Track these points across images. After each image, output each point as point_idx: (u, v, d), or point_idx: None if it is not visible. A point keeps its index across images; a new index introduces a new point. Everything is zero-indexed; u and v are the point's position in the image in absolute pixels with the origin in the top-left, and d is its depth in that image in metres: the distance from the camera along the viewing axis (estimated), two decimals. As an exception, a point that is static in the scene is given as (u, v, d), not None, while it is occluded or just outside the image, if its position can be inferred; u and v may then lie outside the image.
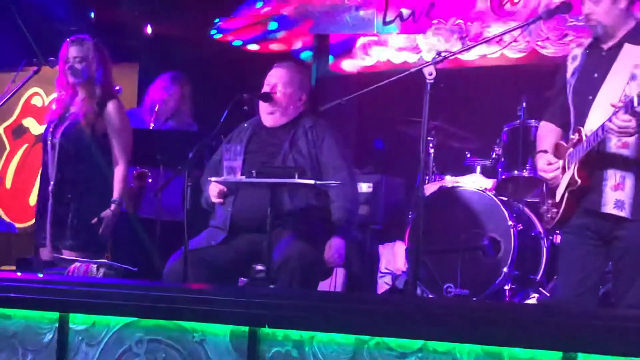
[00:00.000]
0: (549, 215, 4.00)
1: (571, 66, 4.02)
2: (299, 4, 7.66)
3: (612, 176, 3.77)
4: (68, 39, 5.14)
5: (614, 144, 3.77)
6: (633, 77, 3.75)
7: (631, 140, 3.72)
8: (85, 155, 5.03)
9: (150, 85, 6.25)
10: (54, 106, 5.26)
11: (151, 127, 6.02)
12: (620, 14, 3.84)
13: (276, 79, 4.79)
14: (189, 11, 7.70)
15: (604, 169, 3.79)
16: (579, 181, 3.79)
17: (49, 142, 5.07)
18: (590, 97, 3.85)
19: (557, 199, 3.91)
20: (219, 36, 7.90)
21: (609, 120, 3.60)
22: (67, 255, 4.78)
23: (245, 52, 7.80)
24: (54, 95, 5.37)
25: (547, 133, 4.10)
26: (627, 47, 3.82)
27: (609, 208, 3.76)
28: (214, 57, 7.59)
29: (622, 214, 3.74)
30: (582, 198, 3.84)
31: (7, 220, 7.48)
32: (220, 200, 4.66)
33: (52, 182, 5.03)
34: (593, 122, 3.79)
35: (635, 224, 3.75)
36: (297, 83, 4.82)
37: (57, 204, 5.01)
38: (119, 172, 5.05)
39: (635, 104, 3.49)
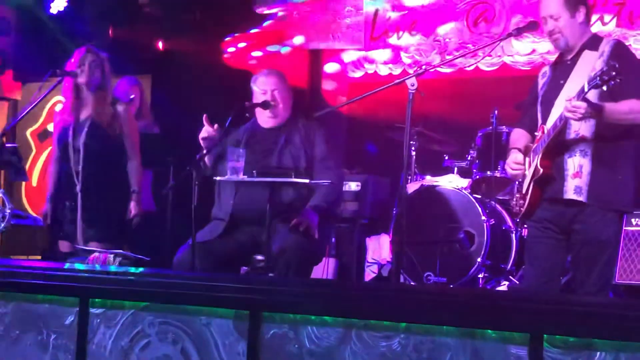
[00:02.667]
0: (517, 208, 4.01)
1: (541, 81, 4.05)
2: (298, 23, 7.67)
3: (572, 165, 3.78)
4: (84, 47, 5.15)
5: (572, 137, 3.78)
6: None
7: (587, 133, 3.74)
8: (107, 154, 5.07)
9: (114, 88, 6.13)
10: (57, 109, 5.24)
11: None
12: (578, 27, 3.87)
13: (271, 85, 4.78)
14: (197, 28, 7.70)
15: (564, 159, 3.80)
16: (542, 170, 3.79)
17: (71, 146, 5.06)
18: (554, 101, 3.87)
19: (524, 190, 3.93)
20: (233, 56, 7.88)
21: (565, 107, 3.62)
22: (93, 246, 4.77)
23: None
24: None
25: (519, 136, 4.11)
26: (586, 53, 3.85)
27: (569, 194, 3.77)
28: (219, 70, 7.60)
29: (581, 198, 3.76)
30: (545, 187, 3.84)
31: (33, 214, 7.46)
32: (206, 134, 4.56)
33: (78, 183, 5.03)
34: (554, 118, 3.81)
35: (591, 217, 3.77)
36: (287, 88, 4.84)
37: (86, 201, 5.02)
38: (133, 165, 5.11)
39: (586, 89, 3.51)
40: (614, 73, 3.41)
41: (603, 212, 3.77)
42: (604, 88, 3.48)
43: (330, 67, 7.75)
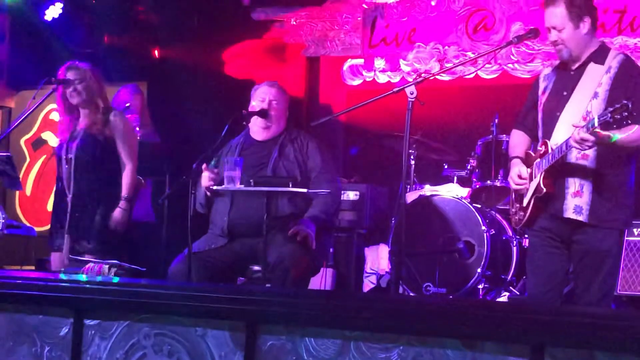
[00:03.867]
0: (516, 218, 4.03)
1: (542, 84, 4.05)
2: (296, 31, 7.69)
3: (573, 184, 3.80)
4: (64, 66, 5.14)
5: (575, 156, 3.80)
6: (595, 95, 3.78)
7: (590, 152, 3.76)
8: (98, 163, 5.03)
9: (114, 96, 6.11)
10: (59, 120, 5.24)
11: None
12: (583, 39, 3.87)
13: (271, 96, 4.80)
14: (194, 36, 7.72)
15: (566, 178, 3.82)
16: (545, 189, 3.82)
17: (64, 159, 5.07)
18: (558, 114, 3.88)
19: (525, 203, 3.94)
20: (229, 64, 7.88)
21: (572, 136, 3.63)
22: (87, 258, 4.76)
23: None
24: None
25: (519, 140, 4.12)
26: (592, 66, 3.85)
27: (569, 213, 3.79)
28: (215, 78, 7.62)
29: (580, 218, 3.77)
30: (546, 204, 3.86)
31: (27, 224, 7.46)
32: (212, 182, 4.57)
33: (69, 194, 5.02)
34: (558, 135, 3.81)
35: (591, 229, 3.78)
36: (285, 100, 4.86)
37: (76, 212, 4.99)
38: (127, 173, 5.04)
39: (596, 124, 3.52)
40: (626, 114, 3.43)
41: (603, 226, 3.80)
42: (615, 126, 3.50)
43: (328, 75, 7.76)
